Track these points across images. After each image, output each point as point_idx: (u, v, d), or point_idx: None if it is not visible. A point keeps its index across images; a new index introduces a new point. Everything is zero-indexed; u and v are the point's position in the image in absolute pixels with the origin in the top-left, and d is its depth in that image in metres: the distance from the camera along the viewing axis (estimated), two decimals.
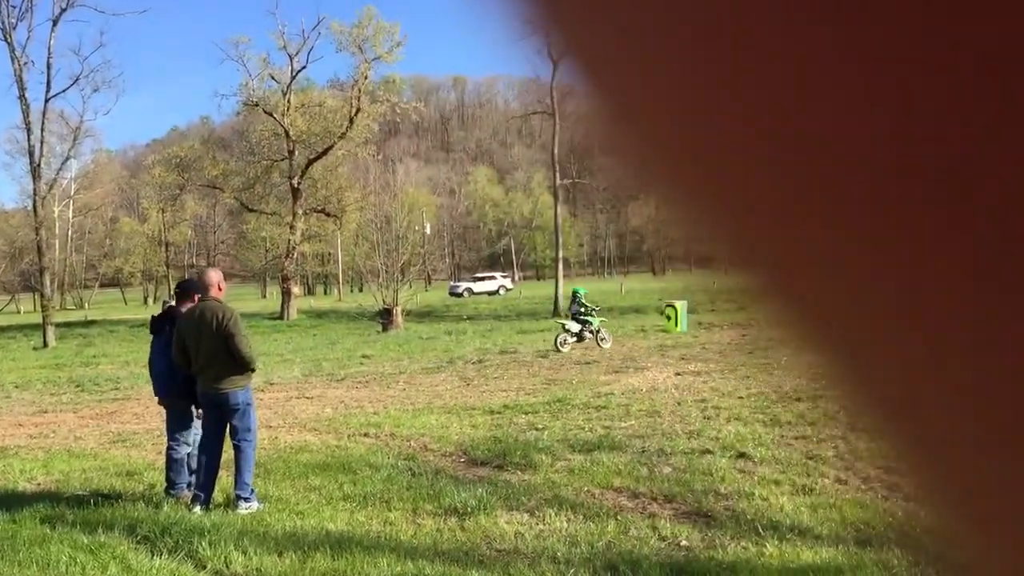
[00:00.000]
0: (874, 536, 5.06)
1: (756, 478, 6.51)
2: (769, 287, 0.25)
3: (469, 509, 5.91)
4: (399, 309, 30.10)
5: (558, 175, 39.15)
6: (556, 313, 33.60)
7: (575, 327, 17.57)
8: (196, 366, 6.33)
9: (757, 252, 0.25)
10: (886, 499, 5.82)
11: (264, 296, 79.63)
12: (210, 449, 6.39)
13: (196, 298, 6.54)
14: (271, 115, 42.03)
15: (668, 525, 5.47)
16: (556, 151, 38.67)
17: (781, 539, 5.08)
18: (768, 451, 7.29)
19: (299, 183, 41.11)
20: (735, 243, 0.25)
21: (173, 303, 7.16)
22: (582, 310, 17.72)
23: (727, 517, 5.61)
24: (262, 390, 13.13)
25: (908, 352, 0.22)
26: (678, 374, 12.93)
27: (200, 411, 6.64)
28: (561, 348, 17.20)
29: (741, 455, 7.24)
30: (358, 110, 40.89)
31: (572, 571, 4.66)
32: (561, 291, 35.64)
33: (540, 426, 9.05)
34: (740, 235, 0.25)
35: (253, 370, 6.57)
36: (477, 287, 60.37)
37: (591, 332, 17.54)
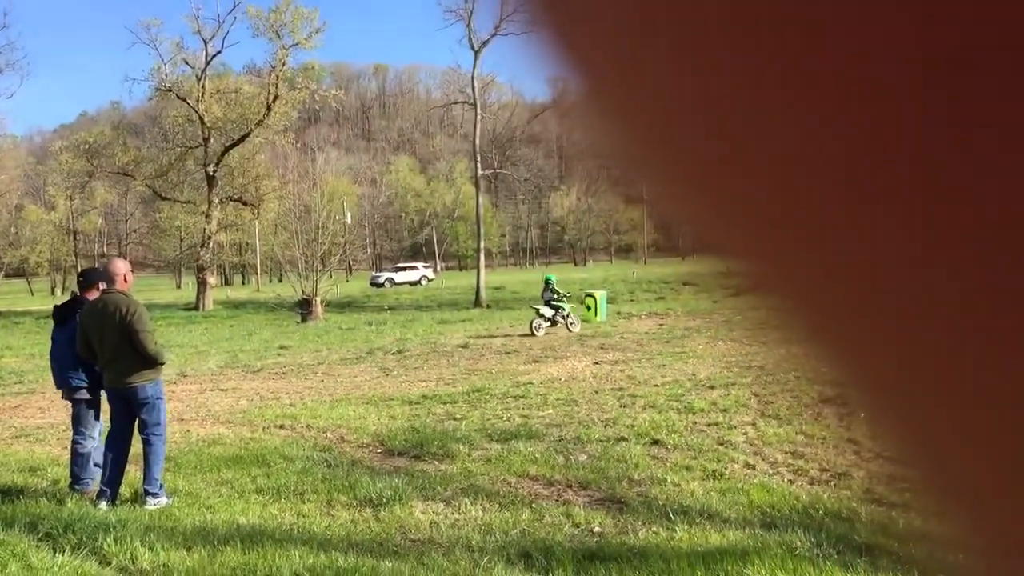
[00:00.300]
0: (779, 519, 5.20)
1: (669, 464, 6.63)
2: (756, 275, 0.26)
3: (384, 500, 5.88)
4: (319, 300, 29.74)
5: (480, 165, 39.12)
6: (478, 303, 33.65)
7: (548, 312, 18.51)
8: (102, 360, 6.15)
9: (743, 242, 0.25)
10: (791, 483, 6.01)
11: (179, 287, 77.69)
12: (117, 444, 6.21)
13: (101, 288, 6.34)
14: (185, 101, 41.00)
15: (582, 512, 5.53)
16: (478, 141, 38.62)
17: (691, 523, 5.19)
18: (681, 438, 7.44)
19: (215, 171, 40.20)
20: (721, 234, 0.26)
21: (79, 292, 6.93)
22: (554, 296, 18.66)
23: (640, 503, 5.70)
24: (175, 383, 12.83)
25: (903, 347, 0.22)
26: (596, 363, 13.06)
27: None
28: (536, 332, 17.99)
29: (655, 442, 7.37)
30: (276, 97, 40.16)
31: (486, 559, 4.68)
32: (483, 281, 35.69)
33: (458, 416, 9.05)
34: (725, 225, 0.25)
35: (163, 363, 6.41)
36: (399, 277, 59.91)
37: (563, 317, 18.46)
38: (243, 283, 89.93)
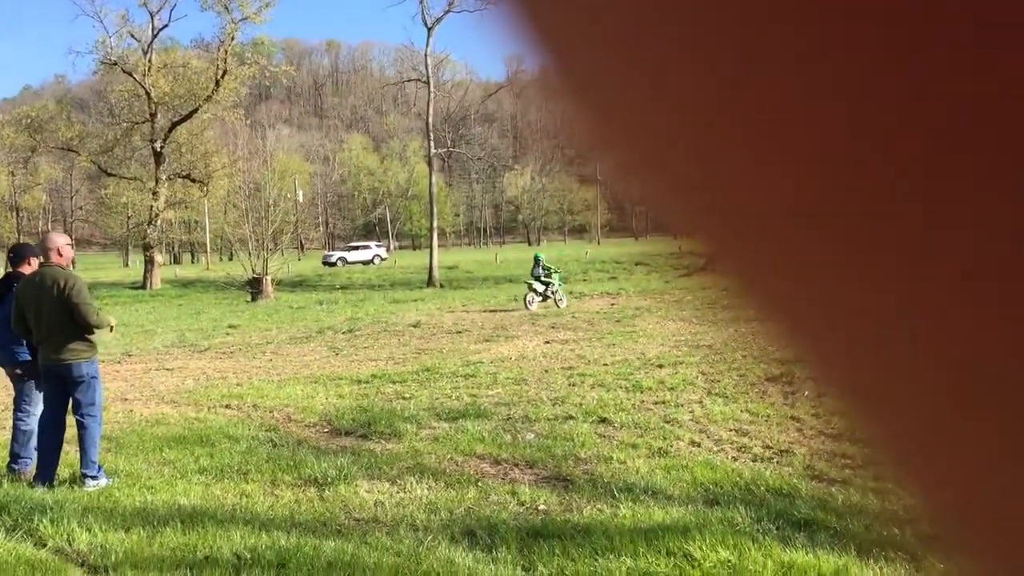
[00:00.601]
0: (722, 495, 5.26)
1: (615, 443, 6.67)
2: (724, 260, 0.26)
3: (329, 479, 5.83)
4: (269, 278, 29.42)
5: (433, 144, 38.88)
6: (431, 283, 33.57)
7: (540, 287, 19.28)
8: (38, 335, 5.99)
9: (700, 222, 0.25)
10: (735, 460, 6.08)
11: (127, 265, 76.35)
12: (52, 423, 6.07)
13: (34, 263, 6.18)
14: (131, 75, 40.10)
15: (528, 490, 5.54)
16: (431, 119, 38.37)
17: (635, 500, 5.23)
18: (628, 416, 7.49)
19: (162, 147, 39.43)
20: (679, 215, 0.26)
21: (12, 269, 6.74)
22: (545, 272, 19.46)
23: (585, 481, 5.73)
24: (119, 362, 12.61)
25: (854, 324, 0.22)
26: (547, 342, 13.10)
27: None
28: (529, 306, 18.75)
29: (602, 420, 7.41)
30: (225, 72, 39.43)
31: (430, 538, 4.67)
32: (436, 261, 35.59)
33: (407, 395, 9.01)
34: (683, 206, 0.25)
35: (111, 328, 6.30)
36: (351, 256, 59.52)
37: (552, 292, 19.28)
38: (192, 261, 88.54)
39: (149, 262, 39.79)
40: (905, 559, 4.16)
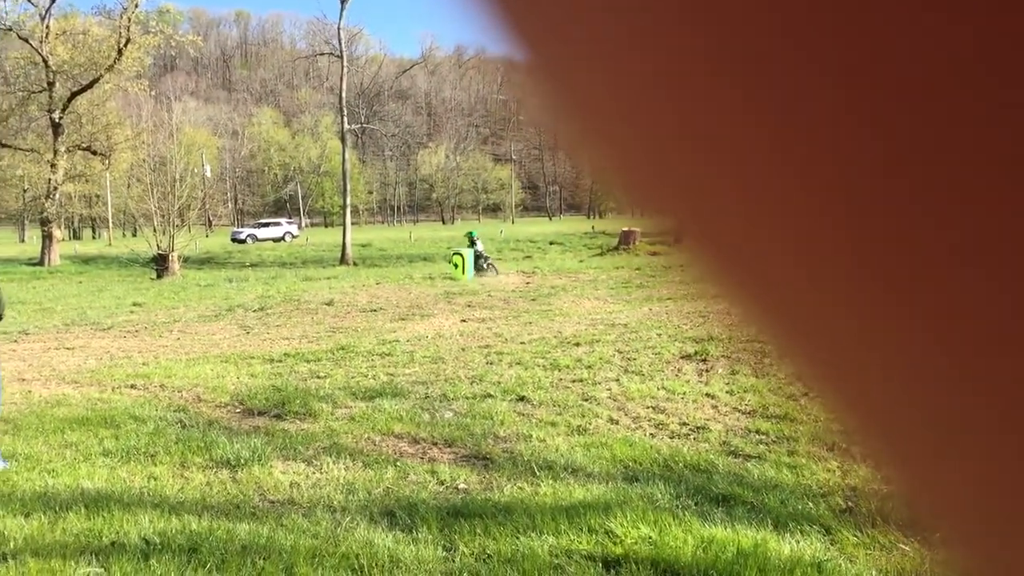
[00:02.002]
0: (641, 472, 5.30)
1: (534, 420, 6.67)
2: (694, 234, 0.25)
3: (242, 460, 5.67)
4: (176, 255, 28.58)
5: (347, 119, 38.26)
6: (344, 261, 33.15)
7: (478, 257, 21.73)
8: None
9: (681, 200, 0.25)
10: (653, 437, 6.14)
11: (23, 240, 73.10)
12: None
13: None
14: (27, 42, 38.17)
15: (447, 469, 5.49)
16: (344, 94, 37.71)
17: (555, 478, 5.22)
18: (547, 394, 7.49)
19: (60, 117, 37.69)
20: (660, 193, 0.25)
21: None
22: (476, 247, 21.93)
23: (505, 459, 5.70)
24: (15, 340, 12.05)
25: (826, 296, 0.22)
26: (464, 321, 13.03)
27: None
28: (483, 273, 21.14)
29: (521, 398, 7.39)
30: (128, 41, 37.83)
31: (348, 519, 4.58)
32: (349, 238, 35.12)
33: (322, 374, 8.84)
34: (664, 184, 0.25)
35: (0, 317, 5.96)
36: (261, 233, 58.32)
37: (487, 264, 21.76)
38: (94, 237, 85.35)
39: (47, 237, 38.12)
40: (820, 532, 4.26)
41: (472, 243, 22.07)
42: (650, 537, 4.22)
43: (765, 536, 4.17)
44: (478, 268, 21.39)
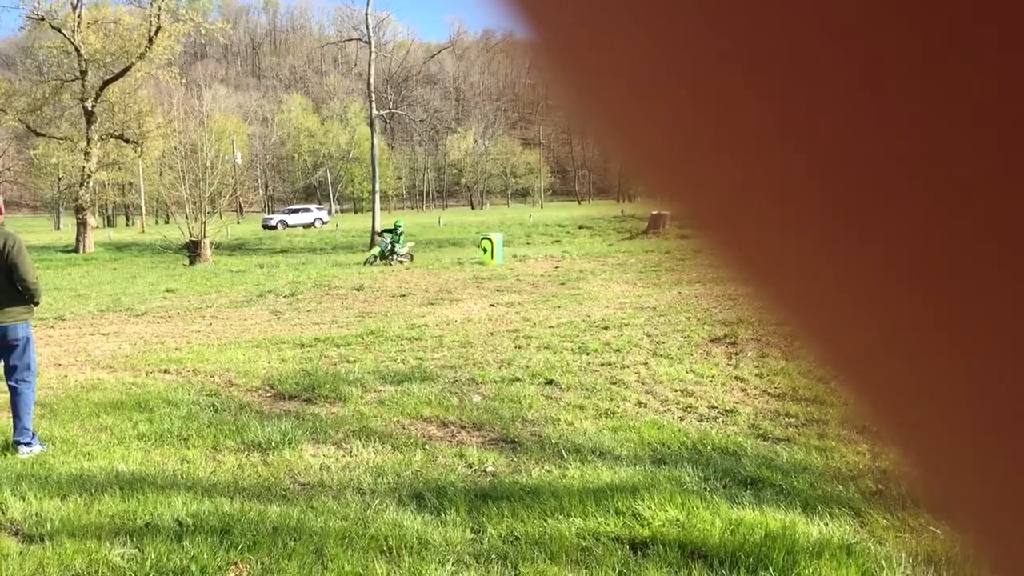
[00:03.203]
0: (669, 455, 5.30)
1: (562, 404, 6.68)
2: (708, 220, 0.26)
3: (273, 444, 5.73)
4: (207, 241, 28.83)
5: (375, 105, 38.35)
6: (373, 246, 33.31)
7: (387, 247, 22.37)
8: None
9: (695, 187, 0.25)
10: (681, 420, 6.13)
11: (58, 228, 74.06)
12: None
13: None
14: (60, 31, 38.58)
15: (475, 452, 5.51)
16: (373, 80, 37.79)
17: (583, 461, 5.23)
18: (575, 378, 7.49)
19: (93, 106, 38.10)
20: (671, 179, 0.26)
21: None
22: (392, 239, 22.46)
23: (533, 442, 5.72)
24: (52, 327, 12.24)
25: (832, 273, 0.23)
26: (492, 305, 13.05)
27: None
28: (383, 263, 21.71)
29: (549, 382, 7.40)
30: (158, 29, 38.12)
31: (377, 501, 4.62)
32: (379, 224, 35.25)
33: (352, 359, 8.90)
34: (678, 172, 0.25)
35: (37, 303, 6.05)
36: (292, 220, 58.67)
37: (393, 256, 22.17)
38: (127, 224, 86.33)
39: (82, 225, 38.65)
40: (849, 515, 4.23)
41: (394, 230, 22.38)
42: (678, 519, 4.22)
43: (794, 519, 4.16)
44: (383, 256, 22.06)
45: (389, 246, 22.40)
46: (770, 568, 3.62)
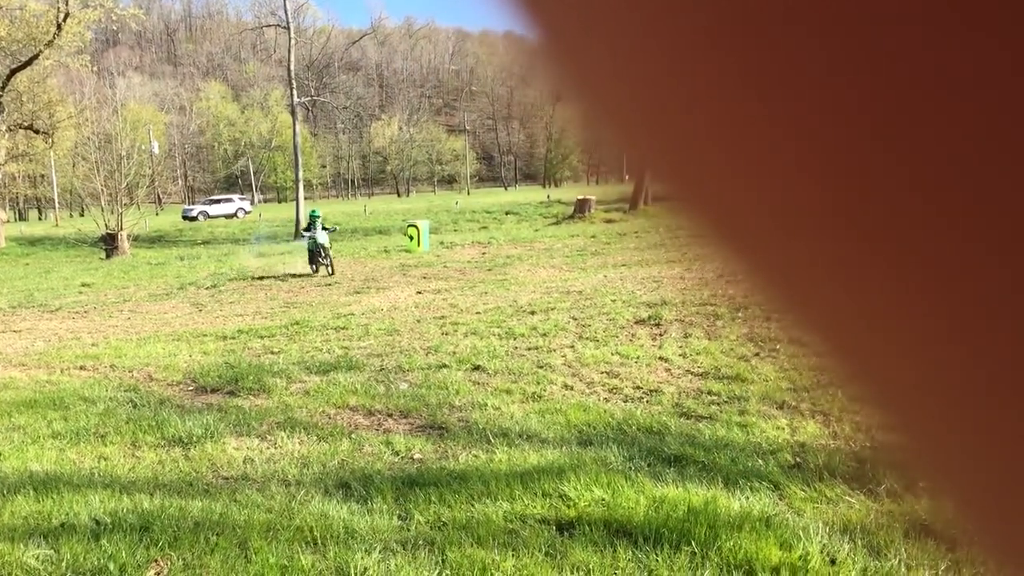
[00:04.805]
0: (595, 436, 5.35)
1: (489, 389, 6.69)
2: (687, 197, 0.26)
3: (195, 438, 5.62)
4: (125, 234, 28.08)
5: (296, 93, 37.72)
6: (298, 235, 32.84)
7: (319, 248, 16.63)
8: None
9: (679, 167, 0.26)
10: (607, 401, 6.19)
11: None
12: None
13: None
14: None
15: (402, 440, 5.49)
16: (293, 67, 37.14)
17: (510, 445, 5.25)
18: (502, 363, 7.51)
19: (0, 96, 36.71)
20: (663, 161, 0.26)
21: None
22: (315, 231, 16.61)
23: (460, 428, 5.71)
24: None
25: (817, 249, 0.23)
26: (419, 293, 12.99)
27: None
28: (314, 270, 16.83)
29: (476, 368, 7.41)
30: (67, 15, 36.78)
31: (302, 492, 4.57)
32: (303, 213, 34.74)
33: (276, 350, 8.77)
34: (668, 157, 0.26)
35: None
36: (213, 210, 57.46)
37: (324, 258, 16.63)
38: (40, 218, 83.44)
39: None
40: (769, 488, 4.34)
41: (310, 226, 16.79)
42: (603, 499, 4.26)
43: (715, 494, 4.24)
44: (313, 260, 16.81)
45: (315, 243, 16.56)
46: (692, 543, 3.68)
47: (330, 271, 16.42)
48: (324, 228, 16.78)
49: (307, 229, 16.91)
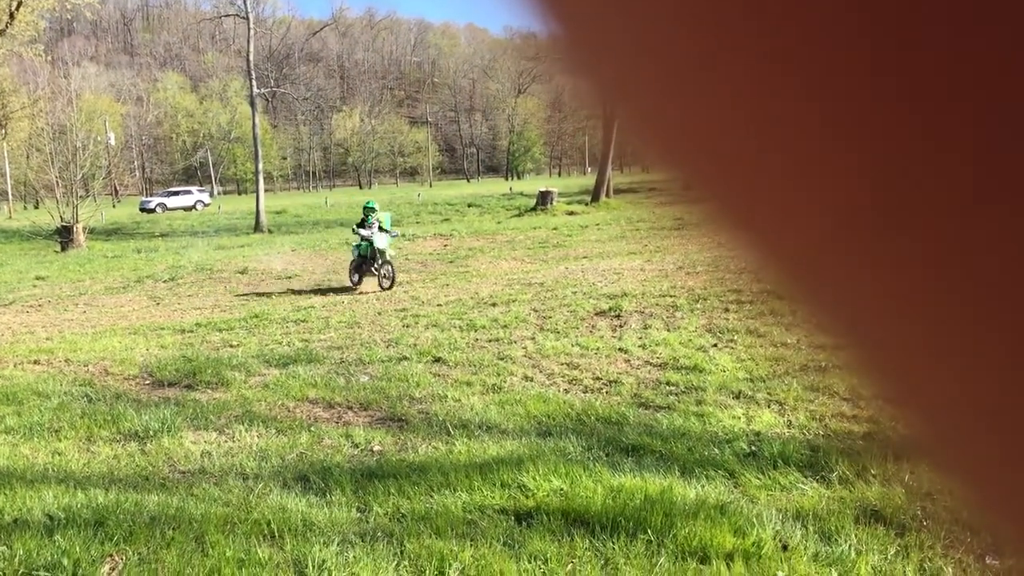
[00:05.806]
0: (554, 427, 5.39)
1: (450, 381, 6.69)
2: (700, 182, 0.26)
3: (151, 432, 5.57)
4: (80, 227, 27.60)
5: (256, 84, 37.28)
6: (258, 228, 32.51)
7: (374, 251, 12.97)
8: None
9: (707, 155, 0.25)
10: (567, 392, 6.23)
11: None
12: None
13: None
14: None
15: (362, 432, 5.48)
16: (252, 58, 36.70)
17: (470, 436, 5.27)
18: (462, 355, 7.52)
19: None
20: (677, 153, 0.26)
21: None
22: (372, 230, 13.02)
23: (420, 420, 5.72)
24: None
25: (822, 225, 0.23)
26: (381, 287, 12.93)
27: None
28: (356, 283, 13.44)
29: (437, 360, 7.41)
30: (20, 3, 36.04)
31: (260, 485, 4.55)
32: (263, 205, 34.42)
33: (235, 343, 8.71)
34: (699, 162, 0.26)
35: None
36: (171, 202, 56.74)
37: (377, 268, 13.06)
38: None
39: None
40: (724, 476, 4.40)
41: (363, 222, 13.05)
42: (561, 489, 4.30)
43: (672, 482, 4.29)
44: (358, 269, 13.12)
45: (368, 247, 12.83)
46: (649, 531, 3.73)
47: (387, 284, 12.61)
48: (382, 229, 12.98)
49: (360, 225, 13.03)
